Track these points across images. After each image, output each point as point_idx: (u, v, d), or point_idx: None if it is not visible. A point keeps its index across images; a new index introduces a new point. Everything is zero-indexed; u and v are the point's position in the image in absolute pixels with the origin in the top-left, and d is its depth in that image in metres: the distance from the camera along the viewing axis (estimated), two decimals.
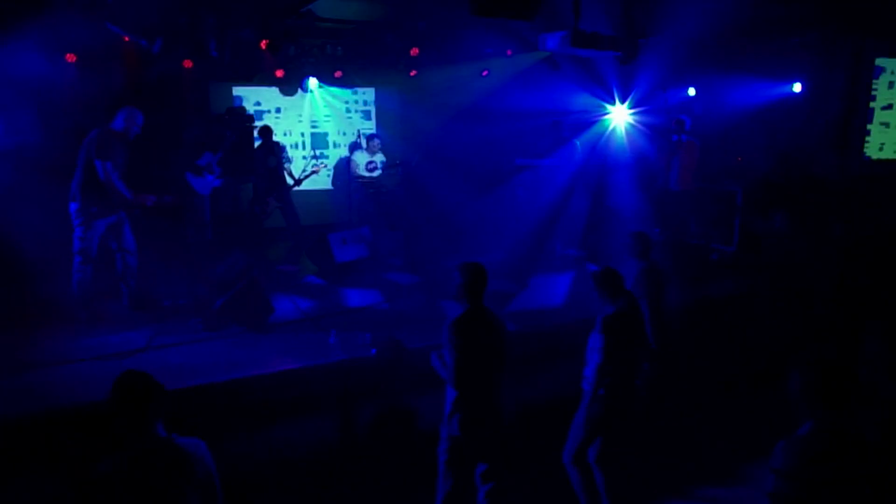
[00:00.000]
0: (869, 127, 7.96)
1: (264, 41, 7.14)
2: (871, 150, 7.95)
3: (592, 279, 3.94)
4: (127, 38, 6.15)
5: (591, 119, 8.93)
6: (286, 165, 8.39)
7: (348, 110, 9.86)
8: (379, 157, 8.90)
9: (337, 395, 4.70)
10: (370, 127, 9.86)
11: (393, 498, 4.45)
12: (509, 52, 8.70)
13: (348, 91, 9.66)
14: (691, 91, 9.00)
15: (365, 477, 4.46)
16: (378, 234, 8.01)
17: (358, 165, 8.90)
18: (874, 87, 7.69)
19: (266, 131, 8.18)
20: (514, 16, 4.82)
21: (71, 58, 6.71)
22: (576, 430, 4.08)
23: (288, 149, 9.02)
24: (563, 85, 8.79)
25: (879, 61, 7.66)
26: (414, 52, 8.35)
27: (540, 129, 8.39)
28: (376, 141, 9.00)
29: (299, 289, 6.91)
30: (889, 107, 8.00)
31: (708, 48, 6.89)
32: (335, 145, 9.83)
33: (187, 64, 7.61)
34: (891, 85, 7.86)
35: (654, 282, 4.88)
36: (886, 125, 8.12)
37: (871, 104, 7.71)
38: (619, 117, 8.67)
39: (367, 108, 10.01)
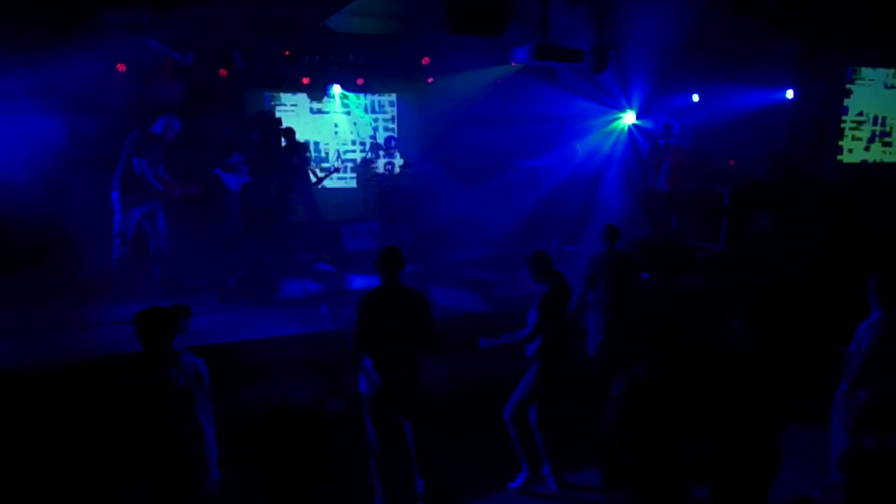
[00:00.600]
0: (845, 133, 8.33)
1: (286, 52, 8.02)
2: (845, 154, 8.25)
3: (526, 262, 4.57)
4: (164, 52, 7.11)
5: (599, 123, 9.51)
6: (311, 164, 9.26)
7: (371, 114, 10.66)
8: (396, 159, 9.69)
9: (325, 360, 5.45)
10: (391, 130, 10.66)
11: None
12: (513, 63, 9.32)
13: (370, 96, 10.47)
14: (695, 97, 9.43)
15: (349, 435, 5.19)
16: (387, 227, 8.78)
17: (377, 166, 9.72)
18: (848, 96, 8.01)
19: (289, 132, 9.03)
20: (485, 33, 5.50)
21: (121, 67, 7.76)
22: (517, 391, 4.72)
23: (314, 148, 9.92)
24: (569, 91, 9.38)
25: (866, 72, 7.97)
26: (425, 61, 9.09)
27: (543, 133, 9.00)
28: (393, 143, 9.80)
29: (312, 273, 7.74)
30: (860, 114, 8.30)
31: (686, 57, 7.35)
32: (362, 147, 10.65)
33: (222, 72, 8.60)
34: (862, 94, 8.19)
35: (604, 264, 5.44)
36: (857, 130, 8.50)
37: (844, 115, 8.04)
38: (627, 121, 9.23)
39: (388, 112, 10.80)
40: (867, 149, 8.75)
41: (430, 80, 10.04)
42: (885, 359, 4.29)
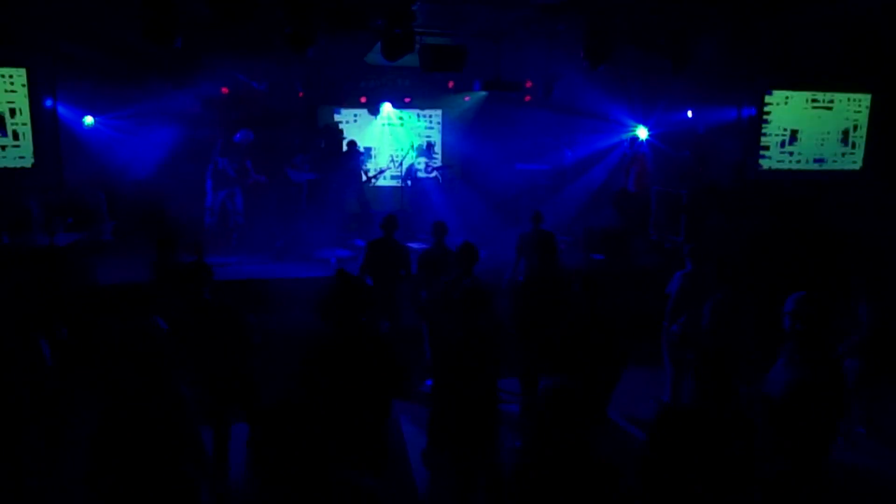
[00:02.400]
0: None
1: None
2: (765, 162, 9.55)
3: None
4: (247, 83, 9.97)
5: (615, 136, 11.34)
6: (364, 166, 11.81)
7: (419, 122, 13.01)
8: (436, 162, 12.04)
9: None
10: (437, 139, 12.97)
11: None
12: (528, 84, 11.34)
13: (416, 111, 12.85)
14: (689, 113, 10.97)
15: None
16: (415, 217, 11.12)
17: (419, 168, 12.11)
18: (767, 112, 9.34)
19: (351, 143, 11.63)
20: (448, 70, 7.69)
21: (224, 90, 10.72)
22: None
23: (369, 153, 12.49)
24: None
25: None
26: (450, 84, 11.38)
27: (543, 141, 10.98)
28: (434, 149, 12.14)
29: (349, 247, 10.19)
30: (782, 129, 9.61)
31: (672, 85, 9.01)
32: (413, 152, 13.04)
33: (300, 94, 11.40)
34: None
35: (529, 240, 7.38)
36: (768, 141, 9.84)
37: (765, 127, 9.30)
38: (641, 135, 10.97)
39: (433, 124, 13.11)
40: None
41: (466, 98, 12.30)
42: (688, 300, 6.04)
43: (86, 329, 5.45)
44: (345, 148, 11.61)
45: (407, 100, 12.28)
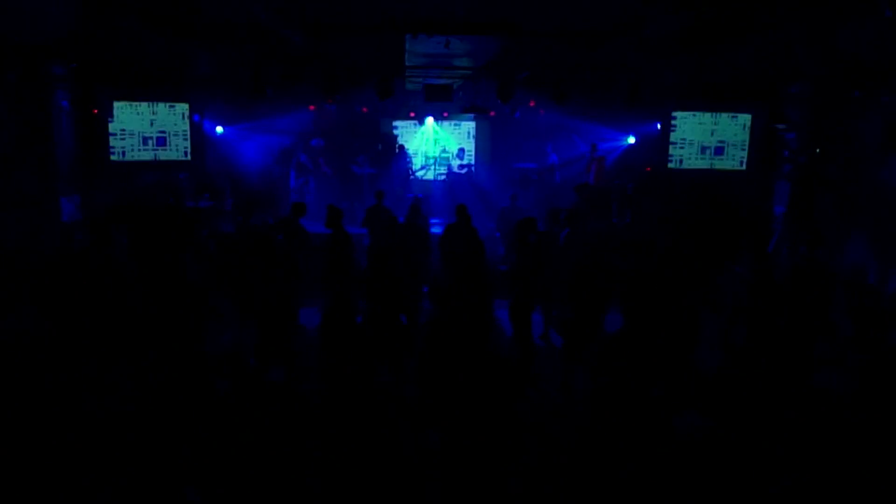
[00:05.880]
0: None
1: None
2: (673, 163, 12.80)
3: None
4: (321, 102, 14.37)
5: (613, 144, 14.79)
6: (410, 165, 15.90)
7: (457, 130, 16.93)
8: (467, 161, 15.95)
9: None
10: (469, 145, 16.83)
11: None
12: (532, 104, 14.90)
13: (453, 123, 16.75)
14: (631, 139, 14.27)
15: None
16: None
17: (453, 166, 16.06)
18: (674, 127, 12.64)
19: (401, 147, 15.78)
20: (441, 100, 11.60)
21: (311, 107, 15.20)
22: None
23: (416, 154, 16.57)
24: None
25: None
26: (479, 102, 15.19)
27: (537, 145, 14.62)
28: (464, 152, 16.05)
29: None
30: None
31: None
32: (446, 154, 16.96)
33: (364, 109, 15.68)
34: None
35: (506, 215, 11.11)
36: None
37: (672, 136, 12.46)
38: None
39: (467, 132, 16.96)
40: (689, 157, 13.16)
41: (492, 113, 16.07)
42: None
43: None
44: (396, 150, 15.79)
45: (445, 114, 16.23)
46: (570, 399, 6.81)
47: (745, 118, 12.59)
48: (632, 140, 14.13)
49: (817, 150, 9.81)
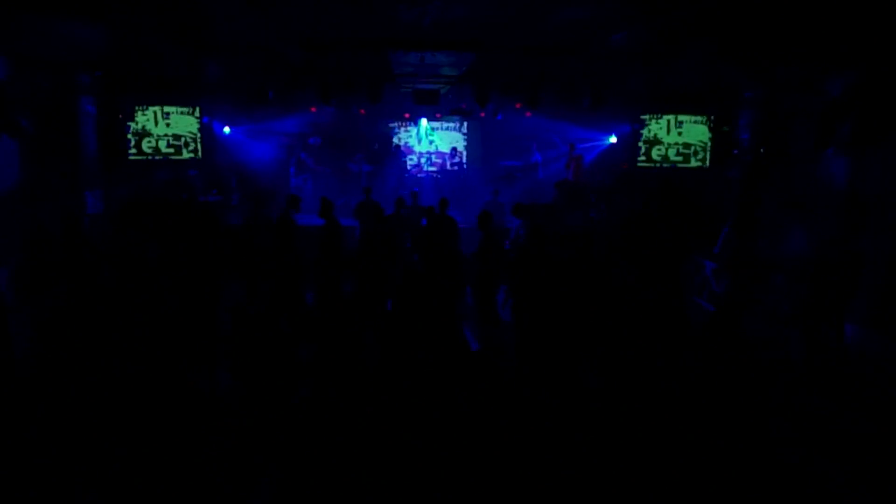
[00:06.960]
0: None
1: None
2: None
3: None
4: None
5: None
6: (403, 163, 17.08)
7: (449, 133, 18.07)
8: (455, 159, 17.12)
9: None
10: (461, 144, 17.97)
11: None
12: (518, 105, 16.00)
13: (446, 123, 17.89)
14: (612, 138, 15.35)
15: None
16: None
17: (446, 163, 17.23)
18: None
19: (397, 146, 16.96)
20: (429, 103, 12.77)
21: (313, 109, 16.40)
22: None
23: (412, 152, 17.74)
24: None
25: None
26: (464, 105, 16.33)
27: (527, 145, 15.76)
28: (456, 150, 17.20)
29: None
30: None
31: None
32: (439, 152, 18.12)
33: (361, 111, 16.87)
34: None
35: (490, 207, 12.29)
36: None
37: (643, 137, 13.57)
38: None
39: (459, 132, 18.11)
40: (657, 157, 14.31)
41: (482, 114, 17.19)
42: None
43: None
44: (392, 149, 16.97)
45: (438, 115, 17.38)
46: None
47: (705, 121, 13.66)
48: (613, 139, 15.26)
49: (761, 150, 10.88)
